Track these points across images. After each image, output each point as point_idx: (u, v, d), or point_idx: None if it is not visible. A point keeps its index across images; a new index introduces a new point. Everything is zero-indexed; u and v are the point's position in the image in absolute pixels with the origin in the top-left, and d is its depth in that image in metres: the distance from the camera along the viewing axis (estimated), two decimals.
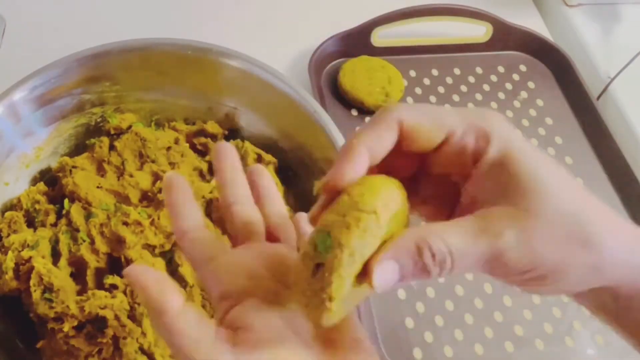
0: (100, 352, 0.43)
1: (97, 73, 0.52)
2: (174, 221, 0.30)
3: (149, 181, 0.51)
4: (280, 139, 0.54)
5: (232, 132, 0.56)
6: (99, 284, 0.45)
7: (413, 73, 0.69)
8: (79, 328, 0.43)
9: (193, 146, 0.55)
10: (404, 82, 0.66)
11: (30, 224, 0.49)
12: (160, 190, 0.48)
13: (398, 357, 0.49)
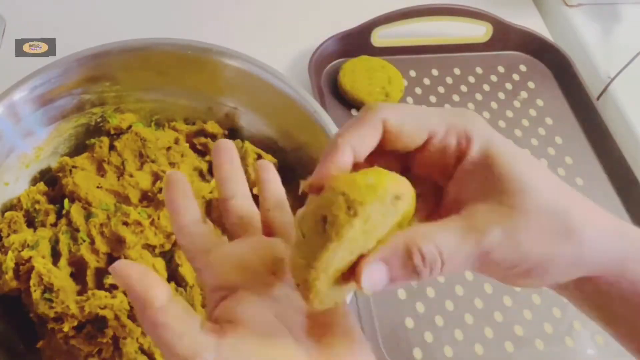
0: (100, 352, 0.43)
1: (97, 73, 0.52)
2: (173, 217, 0.30)
3: (149, 181, 0.51)
4: (280, 139, 0.54)
5: (232, 132, 0.56)
6: (99, 284, 0.45)
7: (413, 73, 0.69)
8: (79, 328, 0.43)
9: (193, 146, 0.55)
10: (404, 82, 0.66)
11: (30, 224, 0.49)
12: (161, 190, 0.48)
13: (398, 357, 0.49)
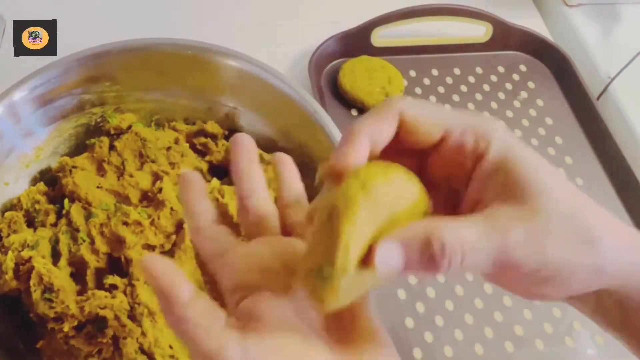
0: (100, 352, 0.43)
1: (97, 73, 0.52)
2: (188, 218, 0.30)
3: (149, 181, 0.51)
4: (280, 139, 0.54)
5: (232, 132, 0.56)
6: (99, 284, 0.45)
7: (413, 73, 0.69)
8: (79, 328, 0.43)
9: (193, 146, 0.55)
10: (404, 82, 0.66)
11: (30, 224, 0.49)
12: (160, 190, 0.48)
13: None
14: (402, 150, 0.27)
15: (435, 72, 0.69)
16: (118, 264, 0.46)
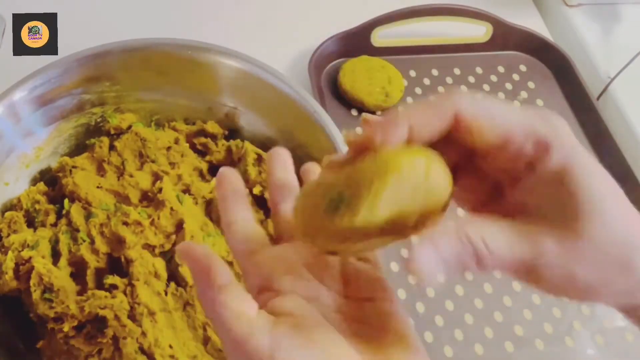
0: (100, 352, 0.43)
1: (97, 73, 0.52)
2: (223, 213, 0.30)
3: (149, 181, 0.51)
4: (280, 139, 0.54)
5: (232, 132, 0.56)
6: (99, 284, 0.45)
7: (413, 73, 0.69)
8: (79, 328, 0.43)
9: (193, 146, 0.55)
10: (404, 82, 0.66)
11: (30, 224, 0.49)
12: (160, 190, 0.48)
13: None
14: (450, 138, 0.25)
15: (435, 72, 0.69)
16: (118, 264, 0.46)
